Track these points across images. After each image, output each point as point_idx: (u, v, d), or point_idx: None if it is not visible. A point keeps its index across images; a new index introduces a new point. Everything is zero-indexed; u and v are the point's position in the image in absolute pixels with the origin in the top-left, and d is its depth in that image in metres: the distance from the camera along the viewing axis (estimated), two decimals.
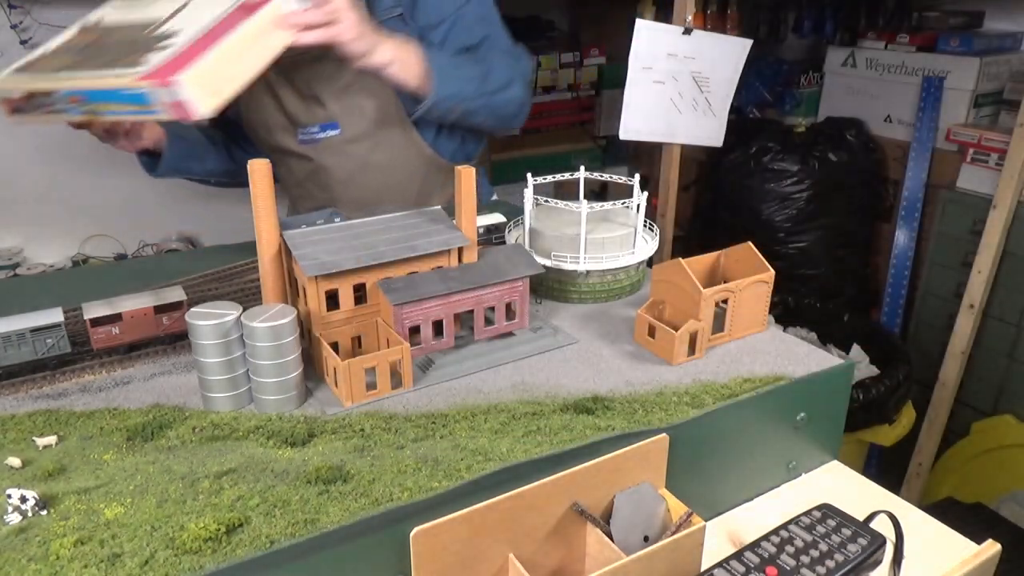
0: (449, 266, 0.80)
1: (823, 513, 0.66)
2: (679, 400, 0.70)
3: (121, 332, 0.76)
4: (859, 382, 1.76)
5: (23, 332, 0.71)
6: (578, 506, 0.61)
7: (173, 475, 0.58)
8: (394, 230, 0.80)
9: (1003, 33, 2.22)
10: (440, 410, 0.69)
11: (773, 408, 0.74)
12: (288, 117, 1.26)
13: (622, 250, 0.93)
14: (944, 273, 2.14)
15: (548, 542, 0.62)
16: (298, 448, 0.63)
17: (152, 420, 0.66)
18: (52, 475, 0.59)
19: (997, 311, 1.97)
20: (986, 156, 2.01)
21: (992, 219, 1.88)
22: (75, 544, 0.50)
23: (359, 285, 0.75)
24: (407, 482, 0.57)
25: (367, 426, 0.66)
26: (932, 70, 2.17)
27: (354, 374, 0.69)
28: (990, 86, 2.14)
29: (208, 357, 0.67)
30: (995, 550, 0.69)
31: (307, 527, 0.52)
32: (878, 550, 0.63)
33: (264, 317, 0.67)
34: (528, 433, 0.64)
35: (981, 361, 2.02)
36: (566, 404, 0.69)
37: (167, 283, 0.92)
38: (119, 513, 0.54)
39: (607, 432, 0.64)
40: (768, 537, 0.63)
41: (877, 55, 2.31)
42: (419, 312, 0.75)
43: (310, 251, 0.73)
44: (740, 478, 0.76)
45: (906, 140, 2.24)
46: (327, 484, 0.57)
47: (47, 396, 0.72)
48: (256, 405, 0.70)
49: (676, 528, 0.62)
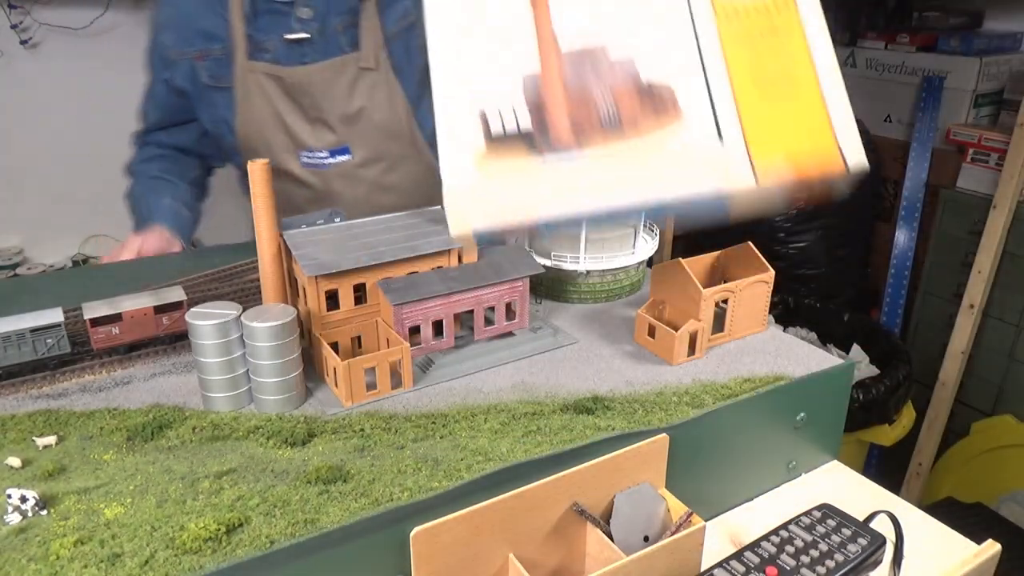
0: (449, 266, 0.80)
1: (823, 513, 0.66)
2: (679, 400, 0.70)
3: (121, 332, 0.76)
4: (859, 382, 1.76)
5: (23, 332, 0.71)
6: (578, 506, 0.61)
7: (173, 475, 0.58)
8: (394, 230, 0.80)
9: (1003, 33, 2.22)
10: (440, 410, 0.69)
11: (773, 408, 0.74)
12: (291, 138, 1.20)
13: (622, 250, 0.93)
14: (944, 273, 2.14)
15: (548, 542, 0.62)
16: (298, 448, 0.63)
17: (152, 420, 0.66)
18: (52, 475, 0.59)
19: (997, 311, 1.97)
20: (986, 156, 2.01)
21: (992, 219, 1.88)
22: (75, 544, 0.50)
23: (359, 285, 0.75)
24: (407, 482, 0.57)
25: (367, 426, 0.66)
26: (932, 70, 2.18)
27: (354, 374, 0.69)
28: (990, 86, 2.14)
29: (208, 357, 0.67)
30: (995, 550, 0.69)
31: (307, 527, 0.52)
32: (878, 550, 0.63)
33: (264, 317, 0.67)
34: (528, 433, 0.64)
35: (981, 361, 2.02)
36: (566, 404, 0.69)
37: (167, 283, 0.92)
38: (119, 513, 0.54)
39: (607, 432, 0.64)
40: (768, 537, 0.63)
41: (877, 55, 2.31)
42: (419, 312, 0.75)
43: (310, 251, 0.73)
44: (740, 478, 0.76)
45: (906, 140, 2.24)
46: (327, 484, 0.57)
47: (47, 396, 0.72)
48: (256, 405, 0.70)
49: (676, 528, 0.62)
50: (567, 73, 0.52)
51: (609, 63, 0.52)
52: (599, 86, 0.51)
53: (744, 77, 0.52)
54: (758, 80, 0.52)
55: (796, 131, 0.51)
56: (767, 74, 0.52)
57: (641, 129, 0.51)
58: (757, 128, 0.51)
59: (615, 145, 0.51)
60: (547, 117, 0.51)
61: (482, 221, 0.51)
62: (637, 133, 0.51)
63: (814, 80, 0.52)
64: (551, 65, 0.52)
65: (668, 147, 0.51)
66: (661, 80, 0.52)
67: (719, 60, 0.52)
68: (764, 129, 0.52)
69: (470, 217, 0.51)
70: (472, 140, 0.51)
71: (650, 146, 0.51)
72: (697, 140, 0.51)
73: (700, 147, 0.51)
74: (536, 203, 0.51)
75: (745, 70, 0.51)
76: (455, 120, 0.51)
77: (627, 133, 0.51)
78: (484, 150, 0.51)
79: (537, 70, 0.52)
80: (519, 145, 0.51)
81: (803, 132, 0.51)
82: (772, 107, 0.52)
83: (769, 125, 0.52)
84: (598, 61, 0.52)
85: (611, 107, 0.52)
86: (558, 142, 0.51)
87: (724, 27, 0.52)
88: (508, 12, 0.52)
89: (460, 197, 0.51)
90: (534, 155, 0.51)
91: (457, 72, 0.52)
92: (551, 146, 0.51)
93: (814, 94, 0.52)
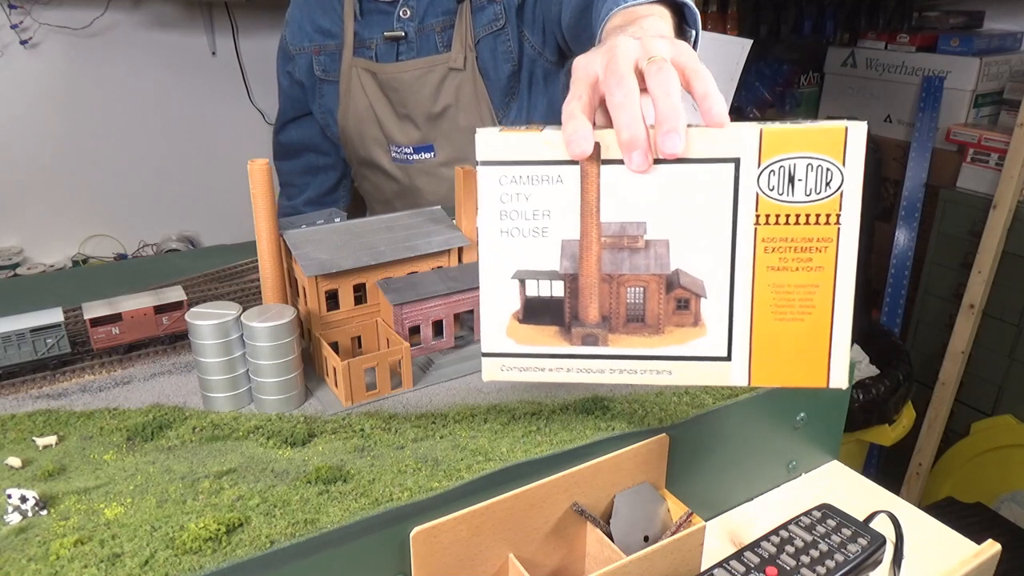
0: (449, 266, 0.80)
1: (823, 513, 0.66)
2: (679, 400, 0.70)
3: (121, 332, 0.76)
4: (859, 382, 1.76)
5: (23, 332, 0.71)
6: (578, 506, 0.61)
7: (173, 475, 0.58)
8: (394, 230, 0.80)
9: (1003, 33, 2.22)
10: (440, 410, 0.69)
11: (773, 408, 0.74)
12: (383, 132, 1.25)
13: None
14: (944, 273, 2.14)
15: (548, 542, 0.62)
16: (298, 448, 0.63)
17: (152, 420, 0.66)
18: (52, 475, 0.59)
19: (997, 311, 1.97)
20: (986, 156, 2.01)
21: (992, 219, 1.88)
22: (75, 544, 0.50)
23: (359, 285, 0.75)
24: (407, 482, 0.57)
25: (367, 426, 0.66)
26: (932, 70, 2.18)
27: (354, 374, 0.69)
28: (990, 86, 2.14)
29: (208, 357, 0.67)
30: (995, 550, 0.69)
31: (307, 527, 0.52)
32: (878, 550, 0.63)
33: (264, 317, 0.67)
34: (528, 433, 0.64)
35: (981, 361, 2.02)
36: (566, 404, 0.69)
37: (167, 283, 0.92)
38: (119, 513, 0.54)
39: (607, 432, 0.64)
40: (768, 537, 0.63)
41: (877, 55, 2.31)
42: (419, 312, 0.75)
43: (310, 251, 0.73)
44: (740, 478, 0.76)
45: (906, 140, 2.24)
46: (327, 484, 0.57)
47: (47, 396, 0.72)
48: (256, 405, 0.70)
49: (676, 528, 0.62)
50: (604, 255, 0.55)
51: (645, 244, 0.54)
52: (632, 271, 0.55)
53: (766, 298, 0.54)
54: (777, 303, 0.54)
55: (797, 350, 0.55)
56: (788, 298, 0.54)
57: (662, 332, 0.56)
58: (764, 347, 0.55)
59: (636, 338, 0.56)
60: (579, 302, 0.56)
61: (511, 375, 0.58)
62: (658, 334, 0.56)
63: (829, 308, 0.54)
64: (591, 240, 0.55)
65: (681, 351, 0.56)
66: (691, 273, 0.54)
67: (748, 277, 0.54)
68: (769, 348, 0.55)
69: (501, 371, 0.58)
70: (509, 305, 0.57)
71: (667, 344, 0.56)
72: (707, 352, 0.56)
73: (708, 362, 0.56)
74: (561, 370, 0.58)
75: (768, 292, 0.54)
76: (496, 283, 0.56)
77: (648, 332, 0.56)
78: (520, 316, 0.57)
79: (576, 236, 0.55)
80: (548, 319, 0.57)
81: (803, 351, 0.55)
82: (782, 327, 0.55)
83: (775, 344, 0.55)
84: (635, 240, 0.54)
85: (639, 302, 0.56)
86: (587, 334, 0.57)
87: (761, 255, 0.53)
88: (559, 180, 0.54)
89: (494, 355, 0.58)
90: (562, 333, 0.57)
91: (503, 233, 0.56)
92: (579, 336, 0.57)
93: (825, 320, 0.54)
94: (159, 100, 2.19)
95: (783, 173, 0.51)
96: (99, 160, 2.15)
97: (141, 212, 2.25)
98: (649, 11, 0.69)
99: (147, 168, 2.22)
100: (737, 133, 0.51)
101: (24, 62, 1.98)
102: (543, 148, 0.53)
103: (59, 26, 1.99)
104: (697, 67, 0.52)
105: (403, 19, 1.19)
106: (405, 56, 1.20)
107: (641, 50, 0.54)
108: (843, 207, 0.51)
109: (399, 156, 1.26)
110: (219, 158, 2.29)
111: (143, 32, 2.14)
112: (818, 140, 0.50)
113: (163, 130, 2.22)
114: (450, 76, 1.19)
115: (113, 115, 2.14)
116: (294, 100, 1.34)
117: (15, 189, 2.07)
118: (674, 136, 0.49)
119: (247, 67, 2.31)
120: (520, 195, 0.54)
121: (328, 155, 1.40)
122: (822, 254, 0.52)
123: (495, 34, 1.16)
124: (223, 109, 2.30)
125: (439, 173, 1.25)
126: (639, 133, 0.50)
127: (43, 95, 2.04)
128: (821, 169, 0.51)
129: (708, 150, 0.51)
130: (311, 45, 1.25)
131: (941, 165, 2.15)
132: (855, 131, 0.50)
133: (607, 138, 0.52)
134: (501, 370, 0.58)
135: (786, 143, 0.51)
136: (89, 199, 2.18)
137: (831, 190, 0.51)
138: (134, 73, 2.14)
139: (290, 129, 1.39)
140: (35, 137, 2.06)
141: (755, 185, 0.52)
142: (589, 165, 0.52)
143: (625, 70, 0.52)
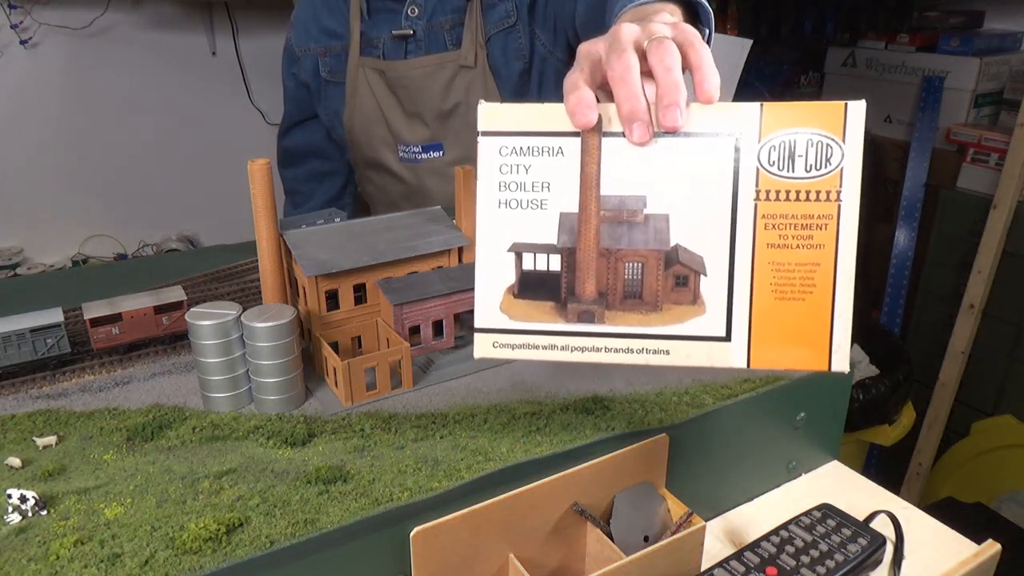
0: (449, 266, 0.80)
1: (823, 513, 0.66)
2: (679, 400, 0.70)
3: (121, 332, 0.76)
4: (859, 382, 1.76)
5: (23, 332, 0.71)
6: (578, 506, 0.61)
7: (173, 475, 0.58)
8: (394, 230, 0.80)
9: (1003, 33, 2.22)
10: (440, 410, 0.69)
11: (773, 408, 0.74)
12: (391, 131, 1.24)
13: None
14: (944, 273, 2.14)
15: (548, 542, 0.62)
16: (298, 448, 0.63)
17: (152, 420, 0.66)
18: (52, 475, 0.59)
19: (997, 311, 1.97)
20: (986, 156, 2.01)
21: (992, 219, 1.88)
22: (75, 544, 0.50)
23: (359, 285, 0.75)
24: (407, 482, 0.57)
25: (367, 426, 0.66)
26: (932, 70, 2.17)
27: (354, 374, 0.69)
28: (990, 86, 2.14)
29: (208, 357, 0.67)
30: (995, 550, 0.69)
31: (307, 527, 0.52)
32: (878, 550, 0.63)
33: (264, 317, 0.67)
34: (528, 433, 0.64)
35: (981, 361, 2.02)
36: (566, 404, 0.69)
37: (167, 283, 0.92)
38: (119, 513, 0.54)
39: (607, 432, 0.64)
40: (768, 537, 0.63)
41: (877, 55, 2.31)
42: (419, 312, 0.75)
43: (310, 251, 0.73)
44: (740, 478, 0.76)
45: (906, 140, 2.24)
46: (327, 484, 0.57)
47: (47, 396, 0.72)
48: (256, 405, 0.70)
49: (676, 528, 0.62)
50: (603, 229, 0.54)
51: (644, 218, 0.54)
52: (630, 246, 0.54)
53: (766, 277, 0.54)
54: (778, 281, 0.54)
55: (797, 331, 0.54)
56: (788, 277, 0.54)
57: (660, 310, 0.55)
58: (763, 327, 0.54)
59: (633, 315, 0.55)
60: (576, 276, 0.55)
61: (503, 352, 0.56)
62: (655, 311, 0.55)
63: (830, 289, 0.53)
64: (590, 214, 0.54)
65: (678, 330, 0.55)
66: (690, 247, 0.54)
67: (748, 254, 0.53)
68: (769, 328, 0.54)
69: (493, 347, 0.56)
70: (504, 279, 0.55)
71: (664, 322, 0.55)
72: (706, 331, 0.55)
73: (706, 341, 0.55)
74: (555, 348, 0.56)
75: (769, 270, 0.53)
76: (492, 256, 0.55)
77: (646, 310, 0.55)
78: (515, 291, 0.55)
79: (575, 209, 0.54)
80: (544, 294, 0.55)
81: (804, 332, 0.54)
82: (783, 307, 0.54)
83: (775, 324, 0.54)
84: (634, 214, 0.53)
85: (637, 278, 0.55)
86: (583, 311, 0.55)
87: (761, 232, 0.53)
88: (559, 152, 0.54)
89: (486, 330, 0.56)
90: (558, 309, 0.55)
91: (500, 205, 0.55)
92: (575, 313, 0.55)
93: (826, 301, 0.53)
94: (159, 100, 2.19)
95: (783, 149, 0.51)
96: (99, 160, 2.15)
97: (141, 212, 2.25)
98: (662, 7, 0.69)
99: (147, 168, 2.22)
100: (738, 107, 0.51)
101: (24, 62, 1.98)
102: (545, 119, 0.53)
103: (59, 26, 2.00)
104: (696, 43, 0.52)
105: (411, 17, 1.19)
106: (414, 54, 1.19)
107: (643, 31, 0.54)
108: (843, 184, 0.51)
109: (407, 156, 1.25)
110: (219, 158, 2.29)
111: (143, 32, 2.14)
112: (818, 115, 0.51)
113: (163, 130, 2.22)
114: (460, 74, 1.18)
115: (113, 115, 2.14)
116: (299, 102, 1.34)
117: (15, 189, 2.07)
118: (675, 110, 0.49)
119: (247, 67, 2.31)
120: (520, 166, 0.54)
121: (333, 160, 1.39)
122: (823, 231, 0.52)
123: (506, 31, 1.16)
124: (223, 109, 2.30)
125: (448, 173, 1.24)
126: (640, 105, 0.50)
127: (43, 95, 2.04)
128: (821, 145, 0.51)
129: (709, 125, 0.51)
130: (317, 47, 1.25)
131: (941, 165, 2.15)
132: (854, 108, 0.50)
133: (609, 111, 0.52)
134: (493, 347, 0.56)
135: (786, 118, 0.51)
136: (89, 199, 2.18)
137: (831, 166, 0.51)
138: (134, 73, 2.15)
139: (295, 133, 1.38)
140: (35, 137, 2.06)
141: (755, 160, 0.52)
142: (591, 137, 0.52)
143: (626, 45, 0.52)
